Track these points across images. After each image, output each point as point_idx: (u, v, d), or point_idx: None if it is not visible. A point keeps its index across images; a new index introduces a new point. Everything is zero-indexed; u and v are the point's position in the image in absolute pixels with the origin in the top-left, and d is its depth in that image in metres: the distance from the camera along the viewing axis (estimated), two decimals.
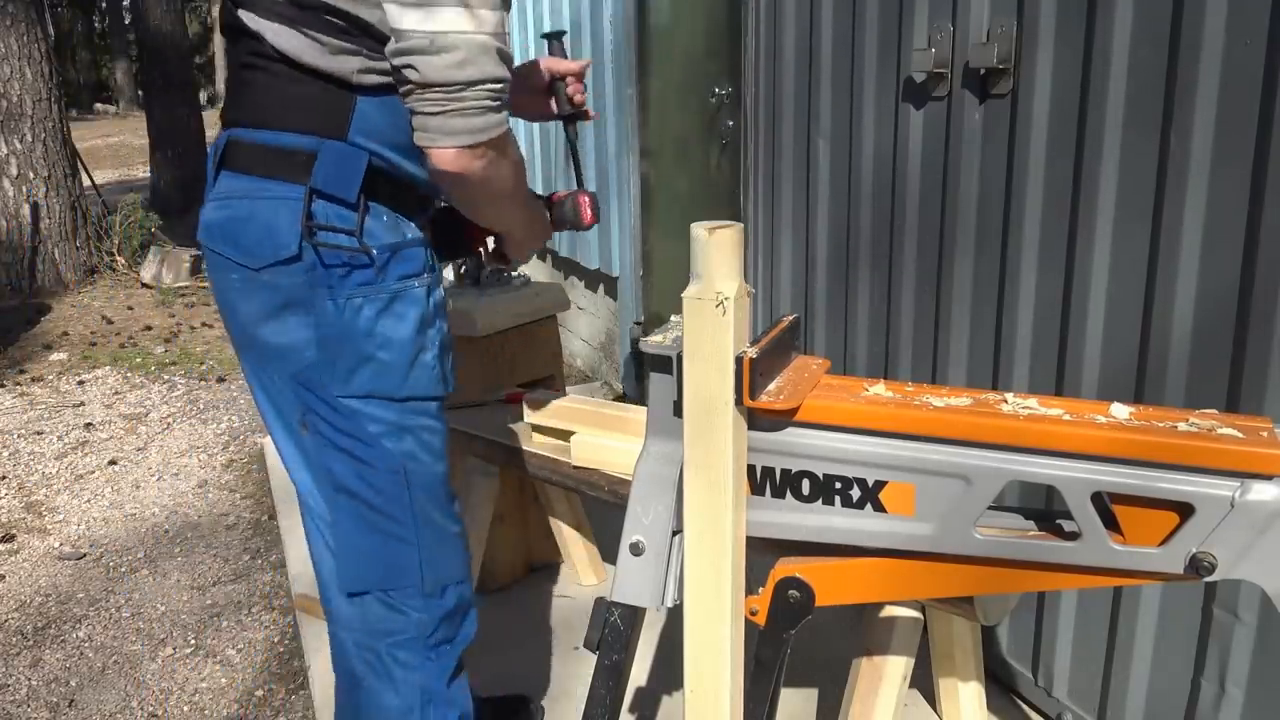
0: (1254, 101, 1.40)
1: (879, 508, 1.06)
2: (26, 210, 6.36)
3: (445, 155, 1.15)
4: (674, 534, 1.10)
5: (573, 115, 1.69)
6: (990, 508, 1.06)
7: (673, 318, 1.16)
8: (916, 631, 1.63)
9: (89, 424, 4.14)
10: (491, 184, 1.22)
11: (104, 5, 29.22)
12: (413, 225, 1.33)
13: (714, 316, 0.99)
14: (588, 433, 2.01)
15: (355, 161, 1.23)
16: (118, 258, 6.84)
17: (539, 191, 1.63)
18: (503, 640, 2.37)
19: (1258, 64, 1.39)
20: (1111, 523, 0.99)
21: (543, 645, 2.35)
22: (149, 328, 5.68)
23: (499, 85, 1.12)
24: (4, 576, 2.90)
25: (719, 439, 1.02)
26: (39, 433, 4.06)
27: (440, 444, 1.38)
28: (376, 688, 1.39)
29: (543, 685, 2.18)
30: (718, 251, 0.99)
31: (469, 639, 1.44)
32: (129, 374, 4.82)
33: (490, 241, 1.59)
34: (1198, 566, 0.94)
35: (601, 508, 2.10)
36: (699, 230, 1.00)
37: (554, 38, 1.67)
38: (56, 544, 3.10)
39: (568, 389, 2.64)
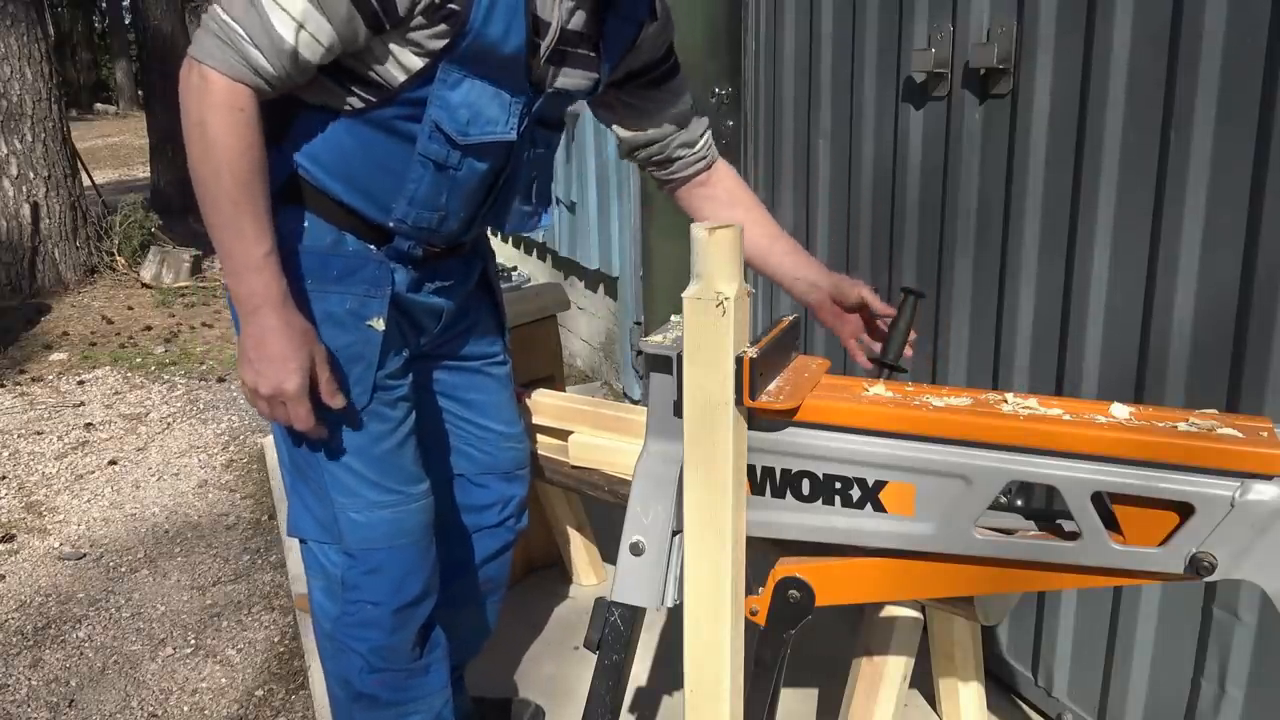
0: (1254, 101, 1.40)
1: (879, 508, 1.06)
2: (26, 210, 6.36)
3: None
4: (674, 534, 1.10)
5: (890, 366, 1.51)
6: (990, 507, 1.06)
7: (673, 318, 1.16)
8: (916, 631, 1.63)
9: (89, 424, 4.14)
10: (186, 115, 1.20)
11: (104, 5, 29.21)
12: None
13: (714, 317, 0.99)
14: (587, 433, 2.01)
15: (278, 172, 1.31)
16: (118, 258, 6.84)
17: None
18: (503, 640, 2.37)
19: (1258, 64, 1.39)
20: (1112, 523, 0.99)
21: (543, 645, 2.35)
22: (149, 328, 5.68)
23: (231, 24, 1.16)
24: (4, 576, 2.90)
25: (719, 439, 1.02)
26: (39, 433, 4.06)
27: (364, 424, 1.44)
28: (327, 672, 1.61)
29: (543, 685, 2.18)
30: (718, 251, 0.99)
31: (403, 604, 1.50)
32: (129, 374, 4.82)
33: None
34: (1198, 567, 0.94)
35: (601, 508, 2.10)
36: (699, 230, 1.00)
37: (913, 294, 1.51)
38: (56, 544, 3.10)
39: (568, 389, 2.64)
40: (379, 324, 1.39)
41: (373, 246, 1.39)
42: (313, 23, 1.18)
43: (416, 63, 1.26)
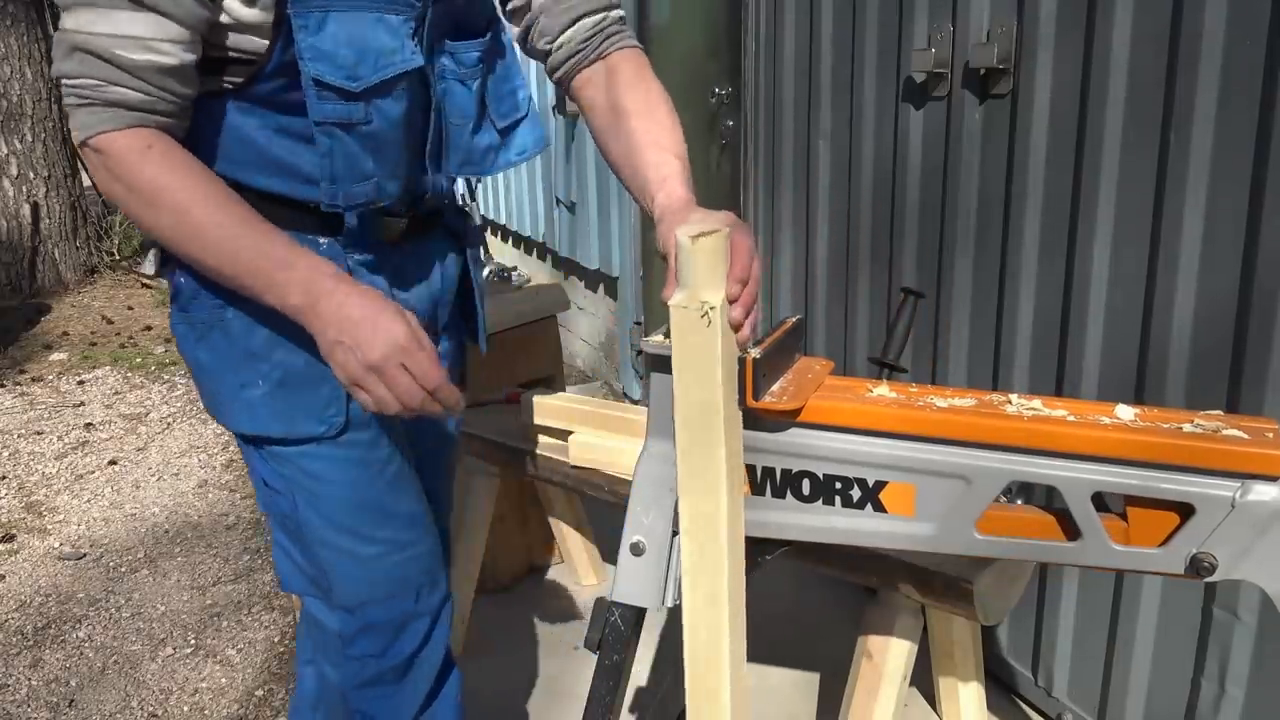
0: (1254, 101, 1.40)
1: (879, 508, 1.06)
2: (26, 210, 6.36)
3: None
4: (674, 534, 1.10)
5: (891, 366, 1.33)
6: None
7: None
8: (917, 630, 1.63)
9: (89, 424, 4.14)
10: (113, 195, 1.08)
11: None
12: None
13: (699, 326, 0.99)
14: (587, 433, 2.01)
15: None
16: (118, 258, 6.84)
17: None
18: (503, 640, 2.37)
19: (1258, 63, 1.39)
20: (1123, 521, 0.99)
21: (543, 645, 2.35)
22: (149, 328, 5.67)
23: (76, 82, 1.03)
24: (4, 576, 2.90)
25: (711, 444, 1.01)
26: (39, 433, 4.06)
27: (339, 471, 1.25)
28: (300, 673, 1.43)
29: (543, 685, 2.18)
30: (702, 260, 0.98)
31: (406, 655, 1.34)
32: (129, 374, 4.82)
33: None
34: (1198, 567, 0.94)
35: (601, 508, 2.10)
36: (683, 237, 0.99)
37: (913, 294, 1.44)
38: (56, 544, 3.10)
39: (568, 389, 2.64)
40: None
41: (323, 239, 1.20)
42: (144, 27, 1.02)
43: (262, 16, 1.07)
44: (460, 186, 1.42)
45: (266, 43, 1.08)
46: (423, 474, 1.39)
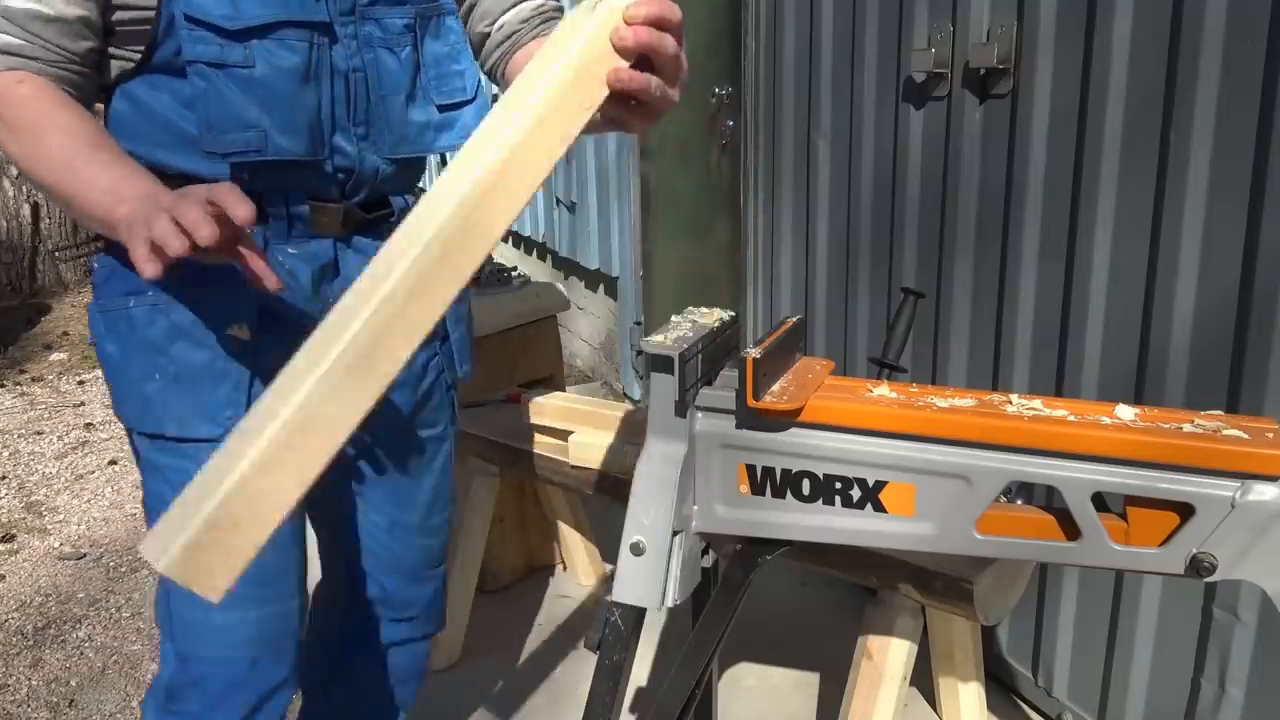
0: (1254, 101, 1.40)
1: (879, 508, 1.06)
2: (26, 210, 6.36)
3: None
4: (674, 534, 1.10)
5: (890, 366, 1.29)
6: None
7: (673, 318, 1.16)
8: (917, 630, 1.63)
9: (89, 424, 4.14)
10: None
11: None
12: None
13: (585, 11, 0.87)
14: (587, 433, 2.01)
15: None
16: None
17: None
18: (503, 640, 2.37)
19: (1258, 63, 1.39)
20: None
21: (543, 645, 2.35)
22: None
23: None
24: (4, 576, 2.90)
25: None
26: (39, 433, 4.05)
27: None
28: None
29: (543, 685, 2.18)
30: None
31: None
32: None
33: None
34: (1198, 567, 0.94)
35: (601, 508, 2.10)
36: None
37: (913, 295, 1.44)
38: (56, 544, 3.10)
39: (568, 389, 2.64)
40: (244, 332, 1.13)
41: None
42: None
43: None
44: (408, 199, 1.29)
45: None
46: (405, 478, 1.34)
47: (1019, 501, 1.17)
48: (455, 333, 1.36)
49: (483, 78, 1.27)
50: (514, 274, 2.72)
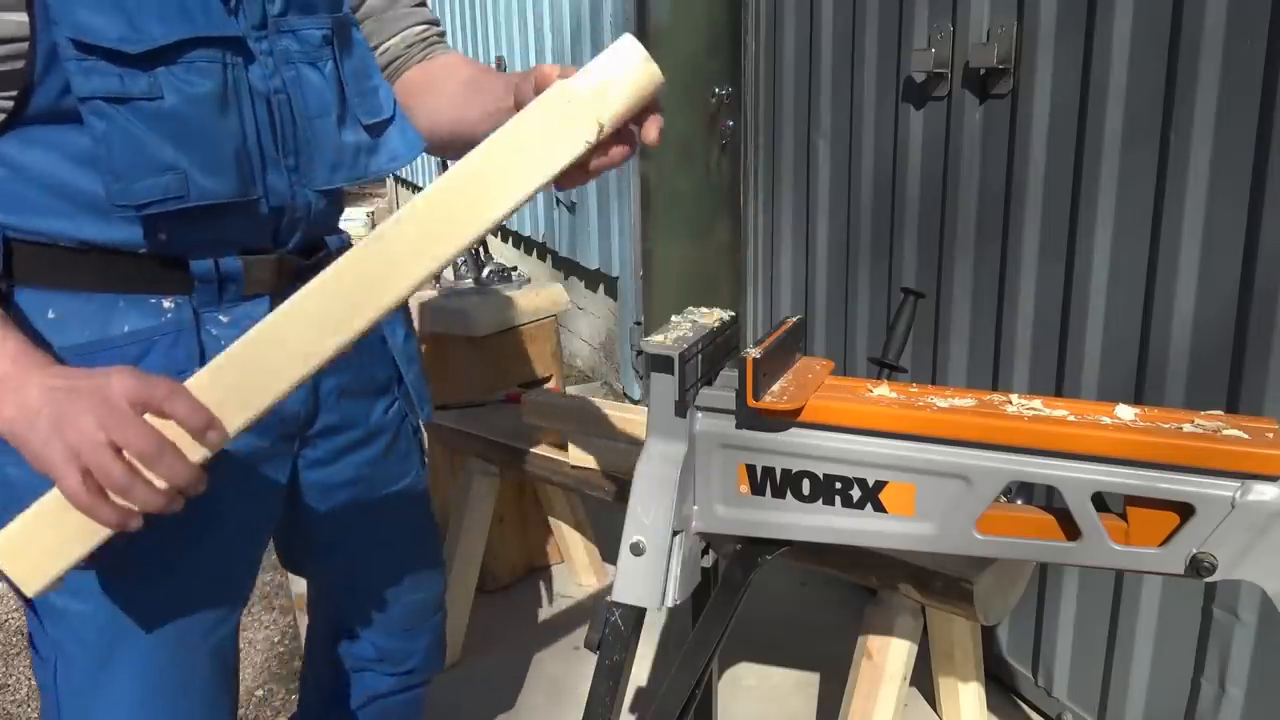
0: (1254, 101, 1.40)
1: (879, 508, 1.06)
2: None
3: None
4: (674, 534, 1.10)
5: (890, 366, 1.28)
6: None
7: (673, 318, 1.16)
8: (917, 630, 1.63)
9: None
10: None
11: None
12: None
13: (576, 117, 0.87)
14: (587, 433, 2.01)
15: None
16: None
17: None
18: (503, 640, 2.37)
19: (1258, 63, 1.39)
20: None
21: (543, 645, 2.35)
22: None
23: None
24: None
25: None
26: None
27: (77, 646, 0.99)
28: None
29: (543, 685, 2.18)
30: (630, 80, 0.88)
31: None
32: None
33: None
34: (1198, 567, 0.94)
35: (601, 508, 2.10)
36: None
37: (913, 295, 1.43)
38: None
39: (568, 389, 2.65)
40: None
41: (169, 300, 0.97)
42: None
43: None
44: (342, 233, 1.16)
45: (24, 17, 0.85)
46: (386, 535, 1.24)
47: (1019, 501, 1.17)
48: (410, 373, 1.23)
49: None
50: (514, 274, 2.72)
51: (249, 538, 1.11)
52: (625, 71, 0.87)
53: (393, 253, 0.84)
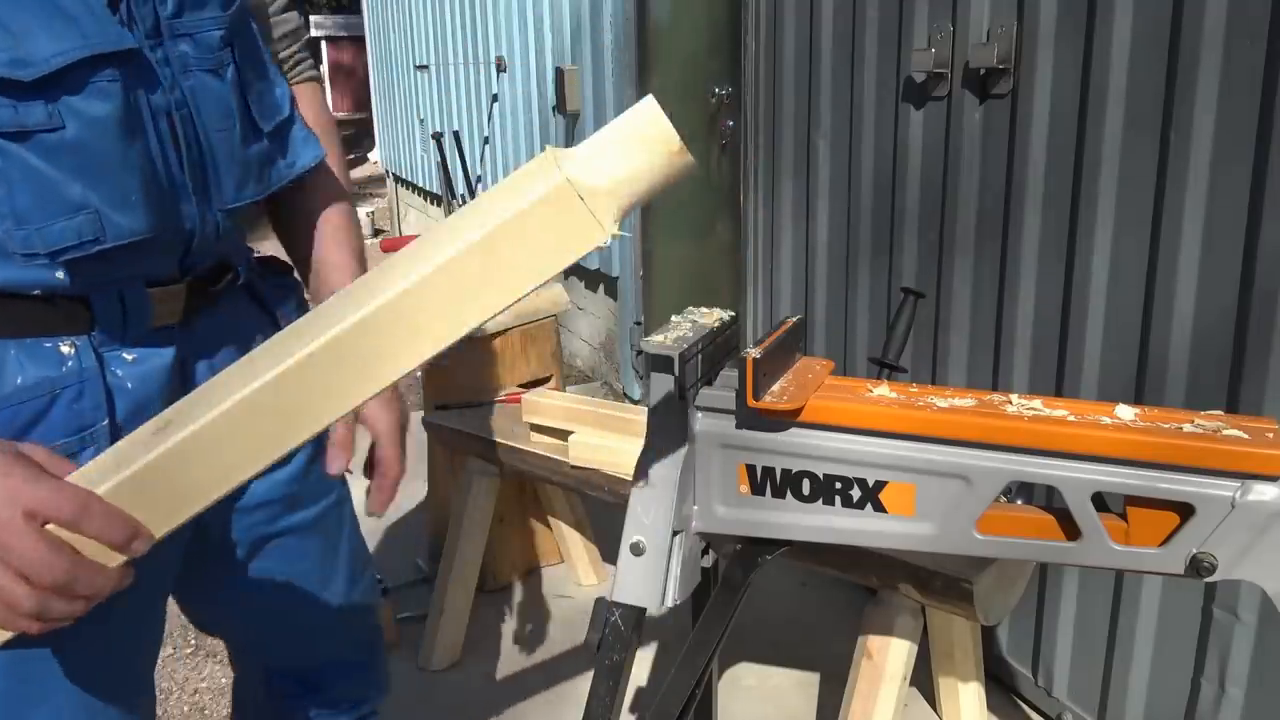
0: (1254, 101, 1.40)
1: (879, 508, 1.06)
2: None
3: None
4: (674, 534, 1.10)
5: (890, 366, 1.26)
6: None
7: (673, 318, 1.16)
8: (917, 630, 1.63)
9: None
10: None
11: None
12: None
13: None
14: (587, 433, 2.01)
15: None
16: None
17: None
18: (503, 640, 2.37)
19: (1258, 63, 1.39)
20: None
21: (543, 645, 2.35)
22: None
23: None
24: None
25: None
26: None
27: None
28: None
29: (543, 685, 2.18)
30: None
31: None
32: None
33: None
34: (1198, 567, 0.94)
35: (601, 508, 2.10)
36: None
37: (913, 295, 1.44)
38: None
39: (568, 389, 2.65)
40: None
41: (66, 341, 0.87)
42: None
43: None
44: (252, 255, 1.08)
45: None
46: (313, 562, 1.15)
47: (1019, 501, 1.17)
48: None
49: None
50: None
51: (153, 581, 0.98)
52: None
53: (345, 359, 0.69)
